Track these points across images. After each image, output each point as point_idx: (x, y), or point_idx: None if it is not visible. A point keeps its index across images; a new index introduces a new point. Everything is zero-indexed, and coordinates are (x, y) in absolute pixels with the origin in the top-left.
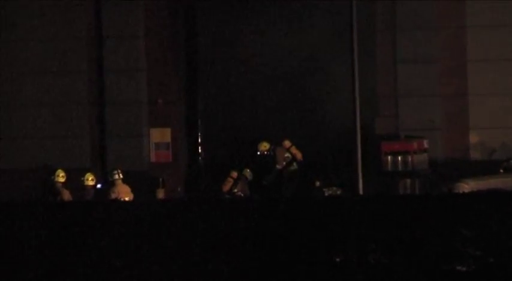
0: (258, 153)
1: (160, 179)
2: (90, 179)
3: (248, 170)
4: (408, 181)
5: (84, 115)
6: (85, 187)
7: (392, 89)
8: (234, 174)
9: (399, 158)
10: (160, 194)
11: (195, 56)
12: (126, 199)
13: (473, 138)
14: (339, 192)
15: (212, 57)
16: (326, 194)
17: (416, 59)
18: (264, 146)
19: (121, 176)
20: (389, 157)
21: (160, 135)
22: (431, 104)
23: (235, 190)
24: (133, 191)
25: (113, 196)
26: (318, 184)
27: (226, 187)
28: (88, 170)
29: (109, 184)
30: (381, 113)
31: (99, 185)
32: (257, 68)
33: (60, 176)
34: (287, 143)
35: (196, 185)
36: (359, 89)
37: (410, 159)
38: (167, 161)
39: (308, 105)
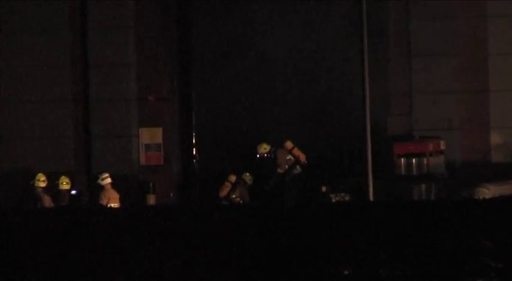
0: (258, 156)
1: (151, 184)
2: (65, 183)
3: (248, 174)
4: (423, 185)
5: (67, 114)
6: (60, 191)
7: (405, 85)
8: (232, 178)
9: (413, 160)
10: (151, 200)
11: (189, 49)
12: (115, 205)
13: (494, 138)
14: (347, 198)
15: (207, 51)
16: (333, 200)
17: (432, 52)
18: (264, 148)
19: (110, 180)
20: (402, 160)
21: (150, 135)
22: (449, 102)
23: (234, 196)
24: (121, 196)
25: (104, 201)
26: (324, 189)
27: (224, 193)
28: (72, 174)
29: (98, 188)
30: (393, 111)
31: (73, 191)
32: (257, 63)
33: (41, 181)
34: (289, 144)
35: (191, 190)
36: (369, 85)
37: (425, 162)
38: (158, 163)
39: (313, 103)
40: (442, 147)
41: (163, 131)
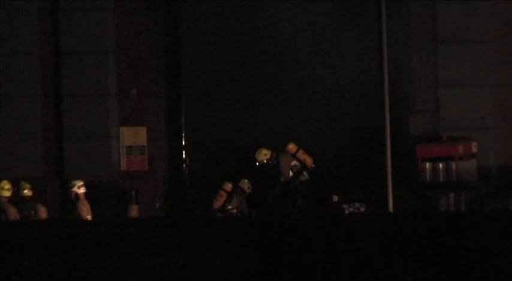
0: (257, 164)
1: (133, 193)
2: (5, 188)
3: (246, 181)
4: (452, 195)
5: (35, 110)
6: (23, 198)
7: (431, 76)
8: (228, 186)
9: (440, 165)
10: (133, 211)
11: (178, 36)
12: (89, 218)
13: None
14: (362, 209)
15: (200, 38)
16: (346, 211)
17: (462, 39)
18: (264, 154)
19: (84, 190)
20: (427, 164)
21: (133, 136)
22: (482, 96)
23: (230, 207)
24: (99, 207)
25: (84, 213)
26: (335, 198)
27: (218, 203)
28: (41, 180)
29: (71, 198)
30: (416, 107)
31: None
32: (256, 52)
33: (5, 189)
34: (292, 147)
35: (180, 200)
36: (388, 76)
37: (454, 167)
38: (142, 169)
39: (321, 99)
40: (474, 149)
41: (147, 130)
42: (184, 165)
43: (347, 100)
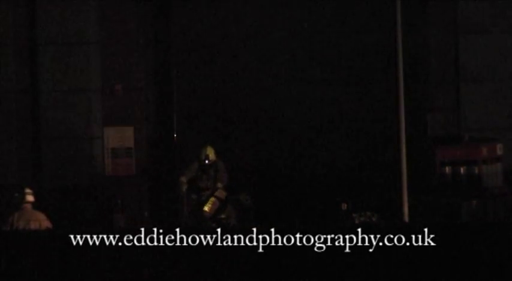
0: (206, 162)
1: (119, 201)
2: None
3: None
4: (475, 202)
5: (10, 108)
6: None
7: (451, 70)
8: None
9: (461, 169)
10: (119, 221)
11: (168, 25)
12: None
13: None
14: (374, 218)
15: (192, 29)
16: (356, 221)
17: (487, 28)
18: (215, 155)
19: (31, 198)
20: (447, 168)
21: (118, 137)
22: (508, 92)
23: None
24: (79, 216)
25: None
26: (344, 206)
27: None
28: (16, 187)
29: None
30: (435, 104)
31: None
32: (254, 43)
33: None
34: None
35: (171, 208)
36: (403, 69)
37: (477, 171)
38: (129, 173)
39: (328, 94)
40: (499, 152)
41: (135, 131)
42: (176, 169)
43: (357, 97)
